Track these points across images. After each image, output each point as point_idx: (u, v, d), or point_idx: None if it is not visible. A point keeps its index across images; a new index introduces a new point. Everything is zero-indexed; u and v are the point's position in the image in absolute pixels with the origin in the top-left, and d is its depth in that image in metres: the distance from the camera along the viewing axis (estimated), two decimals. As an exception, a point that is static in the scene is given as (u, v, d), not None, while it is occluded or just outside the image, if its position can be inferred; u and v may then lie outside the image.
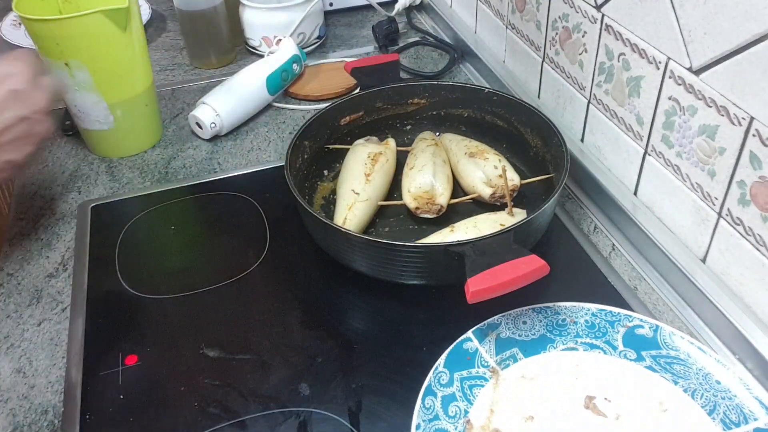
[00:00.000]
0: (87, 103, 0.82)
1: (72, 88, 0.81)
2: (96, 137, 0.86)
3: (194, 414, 0.56)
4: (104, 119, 0.84)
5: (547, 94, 0.85)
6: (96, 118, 0.84)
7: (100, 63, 0.79)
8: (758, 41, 0.51)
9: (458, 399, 0.54)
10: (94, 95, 0.81)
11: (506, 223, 0.67)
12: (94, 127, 0.85)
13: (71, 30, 0.75)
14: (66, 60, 0.77)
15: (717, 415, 0.52)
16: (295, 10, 1.03)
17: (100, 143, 0.87)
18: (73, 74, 0.79)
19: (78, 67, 0.78)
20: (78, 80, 0.79)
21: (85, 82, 0.80)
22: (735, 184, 0.57)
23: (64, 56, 0.77)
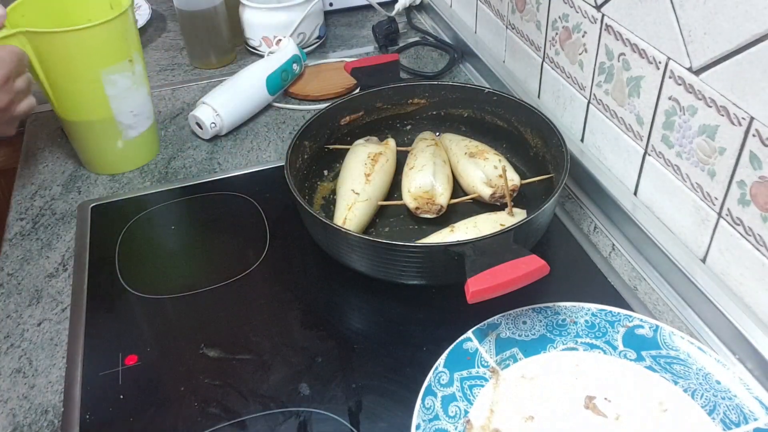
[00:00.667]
0: (140, 100, 0.81)
1: (132, 90, 0.79)
2: (130, 147, 0.84)
3: (194, 414, 0.56)
4: (148, 115, 0.83)
5: (547, 94, 0.85)
6: (146, 116, 0.83)
7: None
8: (758, 41, 0.51)
9: (458, 399, 0.54)
10: (145, 88, 0.81)
11: (506, 223, 0.67)
12: (138, 131, 0.83)
13: (130, 22, 0.76)
14: (130, 56, 0.77)
15: (717, 415, 0.52)
16: (295, 10, 1.03)
17: (129, 153, 0.84)
18: (134, 70, 0.78)
19: (137, 60, 0.78)
20: (137, 75, 0.79)
21: (141, 73, 0.80)
22: (735, 184, 0.57)
23: (129, 52, 0.77)
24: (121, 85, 0.77)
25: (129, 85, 0.78)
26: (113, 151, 0.83)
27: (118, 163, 0.84)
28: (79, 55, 0.73)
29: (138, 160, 0.86)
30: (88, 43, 0.73)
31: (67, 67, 0.74)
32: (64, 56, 0.73)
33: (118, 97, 0.78)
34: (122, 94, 0.78)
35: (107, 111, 0.78)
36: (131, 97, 0.80)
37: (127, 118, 0.80)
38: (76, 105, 0.78)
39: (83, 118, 0.79)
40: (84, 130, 0.80)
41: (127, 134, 0.82)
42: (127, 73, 0.77)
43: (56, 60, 0.73)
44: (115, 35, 0.74)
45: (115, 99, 0.78)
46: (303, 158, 0.76)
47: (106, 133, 0.81)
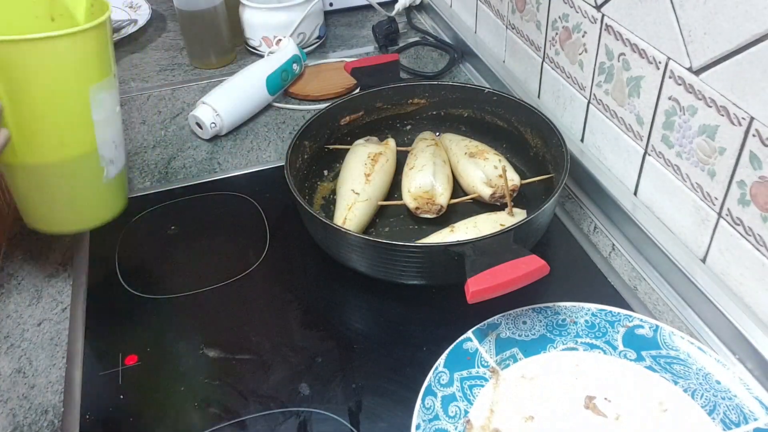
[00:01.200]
0: (120, 126, 0.66)
1: (115, 113, 0.65)
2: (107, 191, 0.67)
3: (194, 414, 0.56)
4: (124, 147, 0.67)
5: (547, 94, 0.85)
6: (123, 149, 0.67)
7: None
8: (758, 41, 0.51)
9: (458, 399, 0.54)
10: (117, 110, 0.65)
11: (506, 223, 0.67)
12: (118, 168, 0.67)
13: (111, 29, 0.63)
14: (113, 70, 0.63)
15: (717, 415, 0.52)
16: (295, 10, 1.03)
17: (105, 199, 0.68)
18: (116, 87, 0.64)
19: (116, 75, 0.64)
20: (118, 94, 0.65)
21: (115, 95, 0.64)
22: (735, 184, 0.57)
23: (112, 65, 0.62)
24: (108, 107, 0.63)
25: (114, 105, 0.64)
26: (88, 197, 0.65)
27: (91, 213, 0.67)
28: (62, 70, 0.58)
29: (111, 209, 0.68)
30: (72, 54, 0.58)
31: (44, 87, 0.57)
32: (40, 72, 0.56)
33: (104, 123, 0.62)
34: (108, 118, 0.63)
35: (91, 142, 0.62)
36: (115, 123, 0.65)
37: (109, 151, 0.64)
38: (47, 140, 0.60)
39: (53, 157, 0.61)
40: (51, 176, 0.62)
41: (108, 172, 0.65)
42: (113, 91, 0.64)
43: (27, 78, 0.56)
44: (101, 43, 0.61)
45: (100, 125, 0.62)
46: (303, 158, 0.76)
47: (84, 173, 0.63)
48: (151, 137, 0.91)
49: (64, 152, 0.61)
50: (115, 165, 0.66)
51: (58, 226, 0.66)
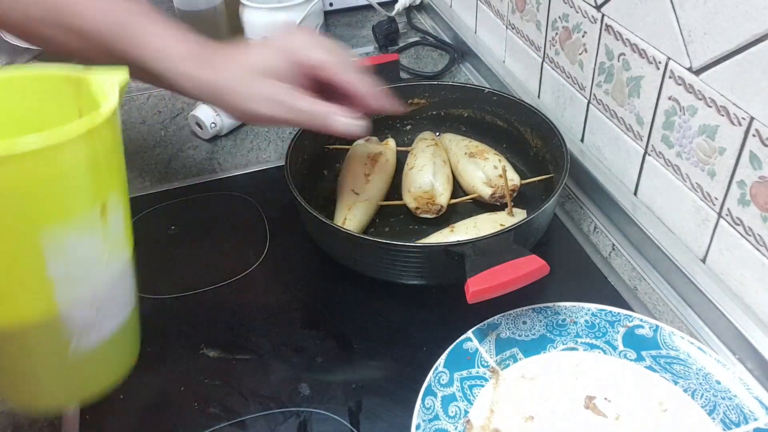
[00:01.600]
0: (114, 278, 0.48)
1: (100, 261, 0.46)
2: (84, 364, 0.48)
3: (194, 414, 0.56)
4: (127, 300, 0.51)
5: (547, 94, 0.85)
6: (123, 304, 0.50)
7: None
8: (758, 41, 0.51)
9: (458, 399, 0.54)
10: (126, 252, 0.49)
11: (506, 223, 0.67)
12: (103, 333, 0.48)
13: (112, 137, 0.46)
14: (103, 199, 0.45)
15: (717, 415, 0.52)
16: (295, 10, 1.03)
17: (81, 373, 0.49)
18: (108, 225, 0.45)
19: (116, 205, 0.47)
20: (112, 232, 0.47)
21: (120, 228, 0.48)
22: (735, 184, 0.57)
23: (102, 192, 0.45)
24: (78, 255, 0.44)
25: (96, 253, 0.45)
26: (50, 376, 0.48)
27: (56, 391, 0.50)
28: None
29: (98, 380, 0.51)
30: (16, 180, 0.39)
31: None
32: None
33: (71, 280, 0.44)
34: (78, 273, 0.44)
35: (47, 306, 0.44)
36: (96, 276, 0.46)
37: (82, 316, 0.46)
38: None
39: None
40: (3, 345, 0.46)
41: (78, 344, 0.46)
42: (93, 231, 0.44)
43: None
44: (77, 164, 0.42)
45: (63, 283, 0.44)
46: (303, 158, 0.76)
47: (38, 346, 0.46)
48: (151, 137, 0.91)
49: (10, 315, 0.44)
50: (98, 330, 0.47)
51: (22, 403, 0.52)
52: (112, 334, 0.48)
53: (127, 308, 0.50)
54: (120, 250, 0.48)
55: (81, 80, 0.48)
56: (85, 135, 0.41)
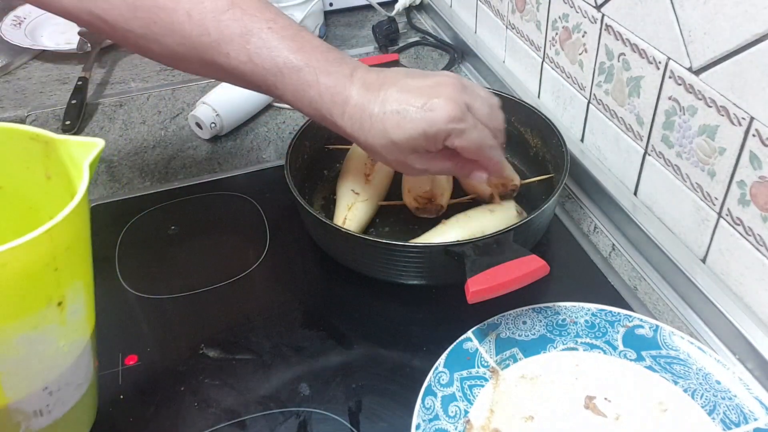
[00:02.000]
0: (69, 364, 0.46)
1: (55, 352, 0.44)
2: None
3: (194, 414, 0.56)
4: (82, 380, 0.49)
5: (547, 94, 0.85)
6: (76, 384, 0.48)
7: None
8: (758, 41, 0.51)
9: (458, 399, 0.54)
10: (85, 336, 0.47)
11: (496, 211, 0.67)
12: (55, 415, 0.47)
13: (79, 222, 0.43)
14: (61, 294, 0.42)
15: (717, 415, 0.52)
16: (295, 10, 1.03)
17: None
18: (65, 317, 0.43)
19: (76, 293, 0.44)
20: (71, 323, 0.44)
21: (80, 315, 0.46)
22: (735, 184, 0.57)
23: (61, 286, 0.42)
24: (30, 352, 0.42)
25: (50, 345, 0.43)
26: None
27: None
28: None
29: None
30: None
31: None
32: None
33: (21, 373, 0.42)
34: (30, 366, 0.43)
35: None
36: (51, 366, 0.44)
37: (33, 403, 0.44)
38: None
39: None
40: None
41: (29, 426, 0.45)
42: (47, 329, 0.42)
43: None
44: (32, 267, 0.39)
45: (13, 376, 0.42)
46: (303, 158, 0.76)
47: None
48: (151, 137, 0.91)
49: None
50: (51, 412, 0.45)
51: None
52: (67, 412, 0.47)
53: (84, 386, 0.48)
54: (78, 336, 0.46)
55: (51, 142, 0.47)
56: (42, 237, 0.38)
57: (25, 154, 0.48)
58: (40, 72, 1.06)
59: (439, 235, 0.66)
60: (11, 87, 1.02)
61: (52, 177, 0.48)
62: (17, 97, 0.99)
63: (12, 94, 1.00)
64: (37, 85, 1.03)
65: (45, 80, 1.04)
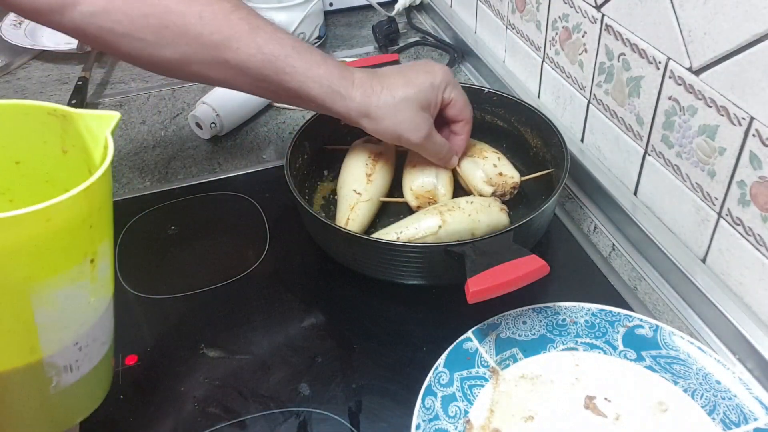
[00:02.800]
0: (97, 321, 0.48)
1: (87, 308, 0.47)
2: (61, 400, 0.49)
3: (194, 414, 0.56)
4: (105, 339, 0.50)
5: (547, 94, 0.85)
6: (101, 342, 0.50)
7: None
8: (758, 41, 0.51)
9: (458, 399, 0.54)
10: (108, 295, 0.49)
11: (476, 201, 0.68)
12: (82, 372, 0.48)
13: (105, 186, 0.45)
14: (93, 251, 0.45)
15: (717, 415, 0.52)
16: (295, 10, 1.03)
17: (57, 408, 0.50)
18: (96, 273, 0.46)
19: (104, 253, 0.46)
20: (99, 280, 0.47)
21: (106, 274, 0.47)
22: (735, 184, 0.57)
23: (92, 245, 0.45)
24: (66, 306, 0.44)
25: (83, 299, 0.45)
26: (27, 412, 0.48)
27: (32, 427, 0.50)
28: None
29: (72, 415, 0.51)
30: (10, 241, 0.39)
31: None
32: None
33: (57, 326, 0.44)
34: (65, 319, 0.45)
35: (31, 352, 0.44)
36: (82, 321, 0.46)
37: (65, 357, 0.46)
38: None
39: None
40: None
41: (59, 381, 0.47)
42: (82, 282, 0.45)
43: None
44: (72, 223, 0.42)
45: (50, 330, 0.44)
46: (303, 158, 0.76)
47: (18, 388, 0.46)
48: (151, 137, 0.91)
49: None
50: (78, 369, 0.47)
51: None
52: (89, 372, 0.49)
53: (106, 345, 0.51)
54: (105, 293, 0.48)
55: (68, 116, 0.48)
56: (81, 195, 0.41)
57: (43, 129, 0.49)
58: (40, 72, 1.06)
59: (421, 219, 0.66)
60: (11, 87, 1.02)
61: (69, 151, 0.50)
62: (17, 97, 0.99)
63: (12, 94, 1.00)
64: (37, 85, 1.03)
65: (45, 80, 1.04)
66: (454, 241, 0.59)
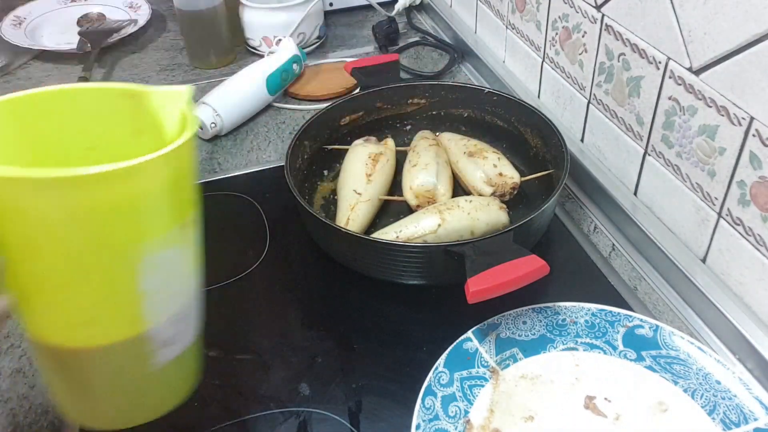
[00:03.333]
0: (192, 290, 0.47)
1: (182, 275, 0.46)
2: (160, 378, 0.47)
3: (194, 414, 0.56)
4: (197, 314, 0.49)
5: (547, 94, 0.85)
6: (194, 318, 0.48)
7: None
8: (758, 41, 0.51)
9: (458, 399, 0.54)
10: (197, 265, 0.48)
11: (474, 200, 0.68)
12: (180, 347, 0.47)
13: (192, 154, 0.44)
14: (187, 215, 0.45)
15: (717, 415, 0.52)
16: (295, 10, 1.03)
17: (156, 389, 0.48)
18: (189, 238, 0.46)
19: (194, 221, 0.46)
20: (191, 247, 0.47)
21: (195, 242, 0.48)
22: (735, 184, 0.57)
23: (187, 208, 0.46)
24: (171, 270, 0.44)
25: (181, 266, 0.45)
26: (125, 391, 0.46)
27: (124, 408, 0.47)
28: (92, 222, 0.38)
29: (168, 398, 0.49)
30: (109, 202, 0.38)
31: (69, 248, 0.38)
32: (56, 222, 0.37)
33: (161, 294, 0.43)
34: (169, 286, 0.44)
35: (136, 323, 0.43)
36: (184, 290, 0.46)
37: (166, 330, 0.44)
38: (64, 316, 0.41)
39: (83, 342, 0.42)
40: (81, 364, 0.43)
41: (159, 358, 0.45)
42: (180, 246, 0.44)
43: (48, 234, 0.38)
44: (171, 181, 0.41)
45: (154, 298, 0.43)
46: (303, 158, 0.76)
47: (121, 364, 0.44)
48: (151, 137, 0.91)
49: (91, 338, 0.42)
50: (174, 345, 0.45)
51: (89, 420, 0.47)
52: (187, 349, 0.47)
53: (199, 323, 0.49)
54: (198, 264, 0.48)
55: (138, 96, 0.46)
56: (184, 147, 0.41)
57: (114, 112, 0.47)
58: (40, 72, 1.07)
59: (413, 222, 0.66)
60: (11, 87, 1.02)
61: (140, 132, 0.47)
62: (17, 97, 1.00)
63: (12, 94, 1.00)
64: (37, 85, 1.02)
65: (45, 80, 1.04)
66: (454, 241, 0.59)
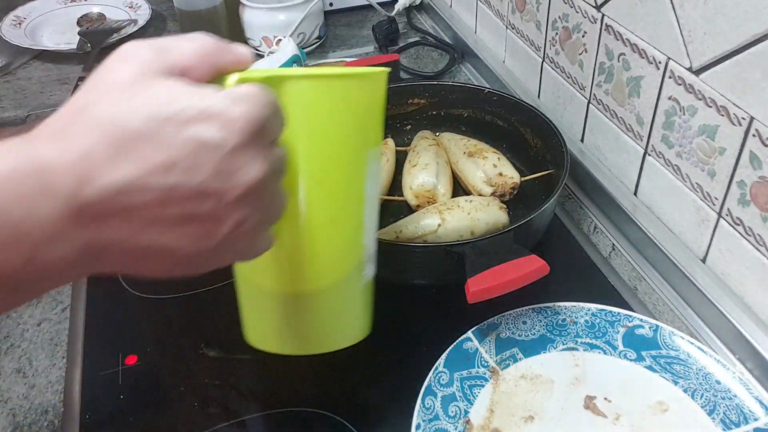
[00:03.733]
0: (377, 206, 0.47)
1: (377, 187, 0.45)
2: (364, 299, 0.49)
3: (194, 414, 0.56)
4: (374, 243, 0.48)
5: (547, 94, 0.85)
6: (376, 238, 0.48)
7: None
8: (758, 41, 0.51)
9: (458, 399, 0.54)
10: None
11: (475, 200, 0.68)
12: (374, 267, 0.48)
13: None
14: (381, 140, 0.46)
15: (717, 415, 0.52)
16: (295, 10, 1.03)
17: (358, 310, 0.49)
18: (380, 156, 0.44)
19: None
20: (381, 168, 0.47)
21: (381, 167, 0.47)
22: (735, 184, 0.57)
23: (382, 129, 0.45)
24: (376, 182, 0.45)
25: (378, 183, 0.46)
26: (340, 315, 0.48)
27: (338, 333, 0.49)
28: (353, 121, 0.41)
29: (360, 327, 0.50)
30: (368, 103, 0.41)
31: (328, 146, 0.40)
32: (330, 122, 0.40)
33: (373, 204, 0.45)
34: (373, 195, 0.45)
35: (359, 235, 0.44)
36: (374, 204, 0.46)
37: (370, 246, 0.46)
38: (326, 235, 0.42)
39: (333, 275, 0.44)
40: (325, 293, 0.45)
41: (367, 270, 0.47)
42: (378, 165, 0.45)
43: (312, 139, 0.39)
44: (383, 101, 0.44)
45: (370, 207, 0.44)
46: (303, 158, 0.75)
47: (348, 282, 0.46)
48: (151, 137, 0.91)
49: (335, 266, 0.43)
50: (371, 263, 0.47)
51: (291, 349, 0.49)
52: (372, 279, 0.49)
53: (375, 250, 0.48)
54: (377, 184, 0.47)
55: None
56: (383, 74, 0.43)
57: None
58: (40, 72, 1.06)
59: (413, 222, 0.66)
60: (11, 87, 1.02)
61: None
62: (17, 97, 0.99)
63: (12, 94, 1.00)
64: (37, 85, 1.03)
65: (45, 80, 1.04)
66: (454, 241, 0.59)
